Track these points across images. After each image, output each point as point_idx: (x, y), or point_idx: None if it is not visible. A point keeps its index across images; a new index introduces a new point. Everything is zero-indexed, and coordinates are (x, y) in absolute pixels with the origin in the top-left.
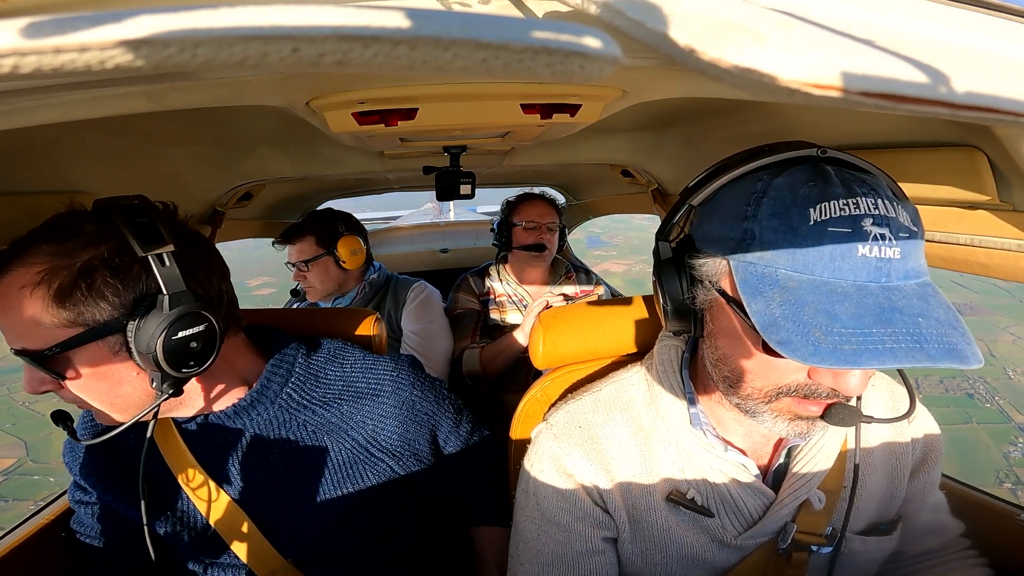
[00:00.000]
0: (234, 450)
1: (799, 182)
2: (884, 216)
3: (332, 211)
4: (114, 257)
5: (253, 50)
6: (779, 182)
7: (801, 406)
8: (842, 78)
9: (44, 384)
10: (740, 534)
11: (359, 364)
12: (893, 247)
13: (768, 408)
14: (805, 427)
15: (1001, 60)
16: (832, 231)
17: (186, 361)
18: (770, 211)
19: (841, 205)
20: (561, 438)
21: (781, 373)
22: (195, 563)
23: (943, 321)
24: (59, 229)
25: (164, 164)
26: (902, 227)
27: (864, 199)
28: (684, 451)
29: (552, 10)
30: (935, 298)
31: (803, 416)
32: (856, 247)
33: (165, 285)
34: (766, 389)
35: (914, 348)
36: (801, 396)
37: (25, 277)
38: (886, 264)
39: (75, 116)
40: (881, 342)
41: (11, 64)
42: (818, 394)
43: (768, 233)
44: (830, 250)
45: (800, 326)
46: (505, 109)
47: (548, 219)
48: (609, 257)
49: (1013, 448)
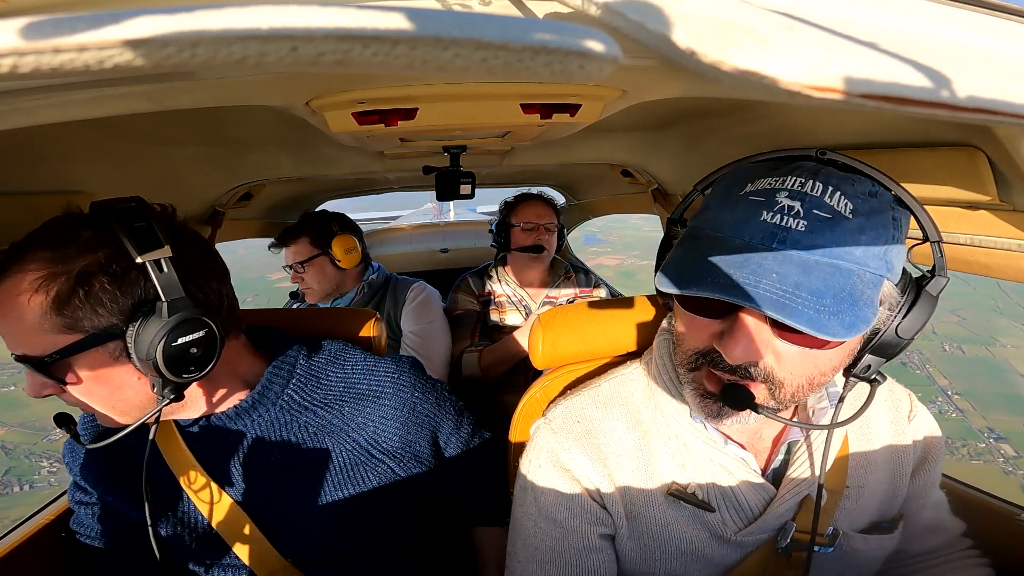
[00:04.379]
0: (235, 452)
1: (766, 167)
2: (802, 192)
3: (326, 212)
4: (111, 263)
5: (252, 50)
6: (749, 166)
7: (709, 378)
8: (843, 80)
9: (46, 388)
10: (740, 530)
11: (360, 365)
12: (799, 220)
13: (690, 377)
14: (712, 408)
15: (1001, 61)
16: (751, 199)
17: (186, 367)
18: (723, 184)
19: (771, 181)
20: (559, 433)
21: (695, 336)
22: (196, 564)
23: (801, 286)
24: (55, 234)
25: (164, 164)
26: (824, 206)
27: (794, 177)
28: (684, 445)
29: (552, 10)
30: (817, 272)
31: (709, 392)
32: (761, 212)
33: (163, 291)
34: (689, 353)
35: (732, 288)
36: (711, 364)
37: (22, 284)
38: (782, 231)
39: (75, 116)
40: (713, 277)
41: (10, 64)
42: (720, 365)
43: (711, 200)
44: (741, 213)
45: (675, 264)
46: (505, 109)
47: (546, 220)
48: (604, 253)
49: (932, 406)
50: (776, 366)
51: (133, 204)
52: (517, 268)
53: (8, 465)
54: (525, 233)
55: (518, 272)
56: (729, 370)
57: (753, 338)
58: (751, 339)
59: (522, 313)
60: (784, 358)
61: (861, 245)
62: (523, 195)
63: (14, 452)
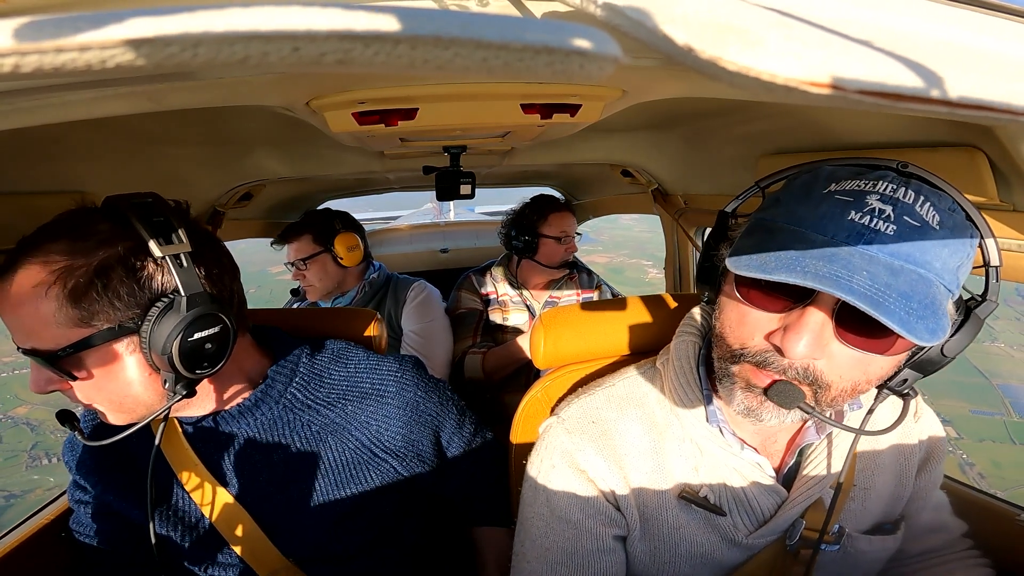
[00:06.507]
0: (237, 450)
1: (850, 171)
2: (894, 198)
3: (329, 210)
4: (130, 257)
5: (254, 49)
6: (830, 168)
7: (754, 374)
8: (840, 77)
9: (51, 384)
10: (751, 533)
11: (363, 364)
12: (889, 224)
13: (732, 370)
14: (754, 402)
15: (1000, 59)
16: (837, 198)
17: (201, 362)
18: (801, 183)
19: (859, 182)
20: (574, 433)
21: (748, 330)
22: (196, 563)
23: (891, 287)
24: (72, 227)
25: (164, 164)
26: (915, 215)
27: (885, 183)
28: (698, 448)
29: (552, 10)
30: (904, 276)
31: (753, 385)
32: (849, 212)
33: (183, 286)
34: (734, 347)
35: (825, 278)
36: (756, 364)
37: (39, 276)
38: (870, 233)
39: (75, 116)
40: (803, 267)
41: (12, 64)
42: (770, 364)
43: (787, 195)
44: (825, 210)
45: (751, 250)
46: (505, 109)
47: (574, 230)
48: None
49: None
50: (827, 368)
51: (150, 199)
52: (527, 271)
53: (35, 440)
54: (559, 245)
55: (526, 274)
56: (779, 370)
57: (818, 335)
58: (816, 335)
59: (525, 313)
60: (837, 360)
61: (942, 258)
62: (552, 202)
63: (40, 428)
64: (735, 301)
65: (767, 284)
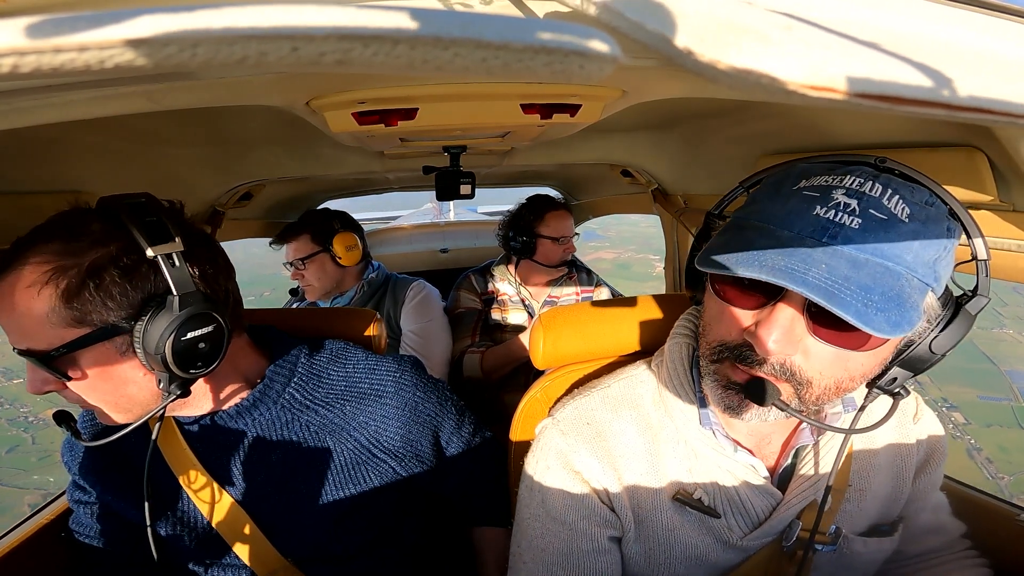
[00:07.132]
0: (236, 450)
1: (823, 167)
2: (860, 192)
3: (327, 210)
4: (122, 256)
5: (253, 49)
6: (804, 165)
7: (733, 371)
8: (840, 80)
9: (47, 384)
10: (746, 535)
11: (362, 364)
12: (853, 217)
13: (713, 369)
14: (734, 399)
15: (1000, 60)
16: (804, 194)
17: (194, 362)
18: (773, 180)
19: (827, 179)
20: (569, 434)
21: (726, 327)
22: (196, 563)
23: (850, 279)
24: (65, 227)
25: (164, 164)
26: (882, 208)
27: (852, 177)
28: (692, 451)
29: (552, 10)
30: (867, 269)
31: (733, 382)
32: (815, 207)
33: (175, 285)
34: (713, 343)
35: (780, 271)
36: (735, 361)
37: (32, 276)
38: (834, 227)
39: (75, 116)
40: (761, 261)
41: (11, 64)
42: (748, 361)
43: (761, 194)
44: (793, 206)
45: (719, 248)
46: (505, 109)
47: (572, 231)
48: (603, 247)
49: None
50: (805, 364)
51: (143, 200)
52: (526, 270)
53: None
54: (557, 246)
55: (525, 273)
56: (756, 366)
57: (788, 330)
58: (786, 331)
59: (524, 312)
60: (815, 357)
61: (913, 250)
62: (549, 202)
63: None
64: (713, 299)
65: (741, 281)
